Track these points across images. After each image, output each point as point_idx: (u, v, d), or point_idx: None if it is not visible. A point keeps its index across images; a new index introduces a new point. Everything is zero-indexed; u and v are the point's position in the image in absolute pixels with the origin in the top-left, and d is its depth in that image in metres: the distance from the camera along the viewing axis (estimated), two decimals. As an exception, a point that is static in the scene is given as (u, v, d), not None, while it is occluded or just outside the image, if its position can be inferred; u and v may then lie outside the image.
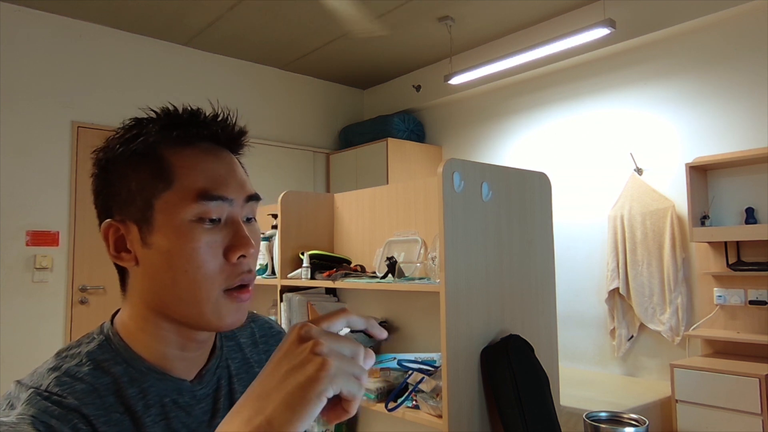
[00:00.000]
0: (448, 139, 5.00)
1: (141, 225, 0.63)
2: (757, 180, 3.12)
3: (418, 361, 1.86)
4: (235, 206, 0.64)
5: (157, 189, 0.62)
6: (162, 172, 0.63)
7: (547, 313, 1.96)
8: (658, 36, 3.54)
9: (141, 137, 0.64)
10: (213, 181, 0.63)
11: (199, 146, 0.65)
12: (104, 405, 0.60)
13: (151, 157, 0.64)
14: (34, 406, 0.56)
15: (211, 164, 0.64)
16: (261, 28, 4.14)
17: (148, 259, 0.63)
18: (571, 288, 3.89)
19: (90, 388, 0.60)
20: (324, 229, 2.51)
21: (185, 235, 0.61)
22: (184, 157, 0.64)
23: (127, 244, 0.65)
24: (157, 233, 0.62)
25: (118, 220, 0.65)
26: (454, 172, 1.66)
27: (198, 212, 0.62)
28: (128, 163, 0.64)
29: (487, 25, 4.15)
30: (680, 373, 2.89)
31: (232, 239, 0.63)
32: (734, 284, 3.12)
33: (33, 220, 3.67)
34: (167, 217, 0.62)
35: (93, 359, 0.63)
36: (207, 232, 0.62)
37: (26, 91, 3.70)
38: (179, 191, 0.62)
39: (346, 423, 2.29)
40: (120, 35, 4.13)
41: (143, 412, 0.62)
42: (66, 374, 0.60)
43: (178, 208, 0.62)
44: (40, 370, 0.62)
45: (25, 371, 2.56)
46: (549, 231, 2.01)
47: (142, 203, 0.63)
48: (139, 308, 0.66)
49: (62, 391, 0.58)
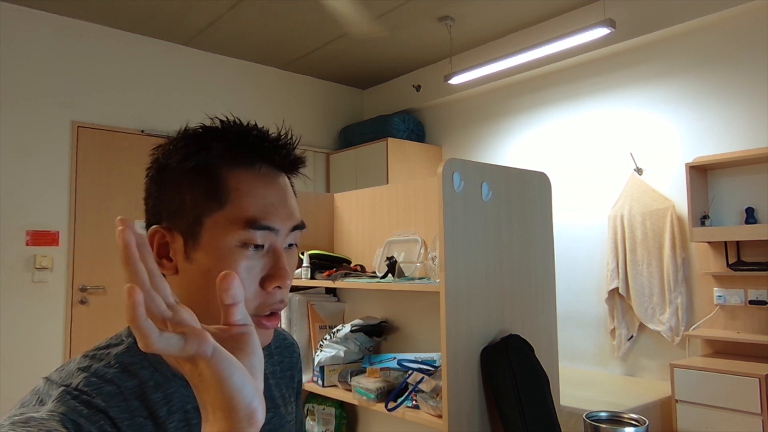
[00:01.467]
0: (448, 139, 5.00)
1: (187, 238, 0.64)
2: (757, 180, 3.12)
3: (418, 361, 1.86)
4: (280, 236, 0.66)
5: (209, 208, 0.63)
6: (217, 192, 0.64)
7: (547, 313, 1.96)
8: (658, 36, 3.54)
9: (203, 152, 0.64)
10: (264, 208, 0.64)
11: (258, 169, 0.66)
12: (129, 408, 0.60)
13: (210, 175, 0.64)
14: (64, 404, 0.56)
15: (265, 191, 0.65)
16: (261, 28, 4.14)
17: (187, 273, 0.64)
18: (571, 288, 3.89)
19: (116, 391, 0.60)
20: (324, 229, 2.51)
21: (227, 258, 0.62)
22: (241, 180, 0.64)
23: (170, 253, 0.65)
24: (201, 250, 0.63)
25: (165, 228, 0.66)
26: (454, 172, 1.66)
27: (244, 238, 0.63)
28: (186, 175, 0.65)
29: (487, 25, 4.15)
30: (680, 373, 2.89)
31: (270, 269, 0.64)
32: (734, 284, 3.12)
33: (33, 220, 3.67)
34: (213, 237, 0.63)
35: (121, 362, 0.63)
36: (248, 258, 0.63)
37: (26, 91, 3.70)
38: (230, 214, 0.63)
39: (346, 423, 2.29)
40: (120, 35, 4.13)
41: (166, 417, 0.63)
42: (95, 375, 0.61)
43: (226, 231, 0.63)
44: (68, 368, 0.62)
45: (25, 371, 2.60)
46: (549, 231, 2.01)
47: (192, 218, 0.64)
48: None
49: (91, 392, 0.59)
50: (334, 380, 2.02)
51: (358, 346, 2.07)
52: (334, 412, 2.25)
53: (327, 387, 2.04)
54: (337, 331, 2.09)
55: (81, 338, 3.76)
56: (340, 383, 2.01)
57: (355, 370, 2.02)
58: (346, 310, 2.38)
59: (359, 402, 1.86)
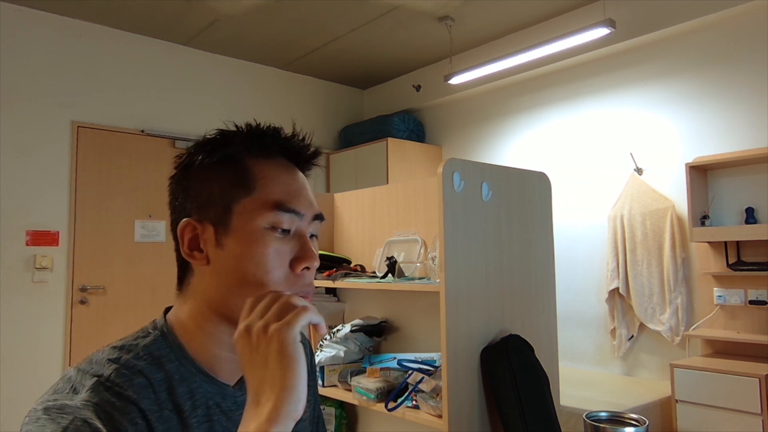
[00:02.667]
0: (448, 139, 5.00)
1: (218, 227, 0.67)
2: (757, 180, 3.12)
3: (418, 361, 1.86)
4: (304, 221, 0.70)
5: (238, 195, 0.67)
6: (244, 180, 0.68)
7: (547, 313, 1.96)
8: (658, 36, 3.54)
9: (227, 146, 0.69)
10: (288, 194, 0.69)
11: (277, 160, 0.71)
12: (158, 401, 0.62)
13: (236, 164, 0.69)
14: (98, 394, 0.58)
15: (288, 178, 0.70)
16: (261, 28, 4.14)
17: (219, 259, 0.67)
18: (571, 288, 3.89)
19: (146, 383, 0.62)
20: (324, 229, 2.51)
21: (257, 240, 0.66)
22: (265, 168, 0.69)
23: (201, 244, 0.68)
24: (231, 236, 0.66)
25: (195, 220, 0.68)
26: (454, 172, 1.66)
27: (272, 221, 0.66)
28: (213, 168, 0.69)
29: (487, 25, 4.15)
30: (680, 373, 2.89)
31: (299, 251, 0.68)
32: (734, 284, 3.12)
33: (33, 220, 3.67)
34: (243, 222, 0.66)
35: (150, 353, 0.65)
36: (277, 240, 0.67)
37: (26, 91, 3.69)
38: (258, 199, 0.67)
39: (346, 423, 2.29)
40: (120, 35, 4.13)
41: (190, 412, 0.64)
42: (125, 366, 0.62)
43: (255, 215, 0.66)
44: (97, 358, 0.64)
45: (25, 371, 2.60)
46: (549, 231, 2.01)
47: (221, 207, 0.67)
48: (201, 307, 0.68)
49: (123, 383, 0.60)
50: (334, 380, 2.02)
51: (358, 346, 2.07)
52: (334, 412, 2.25)
53: (327, 387, 2.04)
54: (337, 331, 2.09)
55: (81, 338, 3.76)
56: (340, 383, 2.01)
57: (355, 370, 2.02)
58: (346, 310, 2.38)
59: (359, 402, 1.87)
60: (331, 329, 2.14)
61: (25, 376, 3.49)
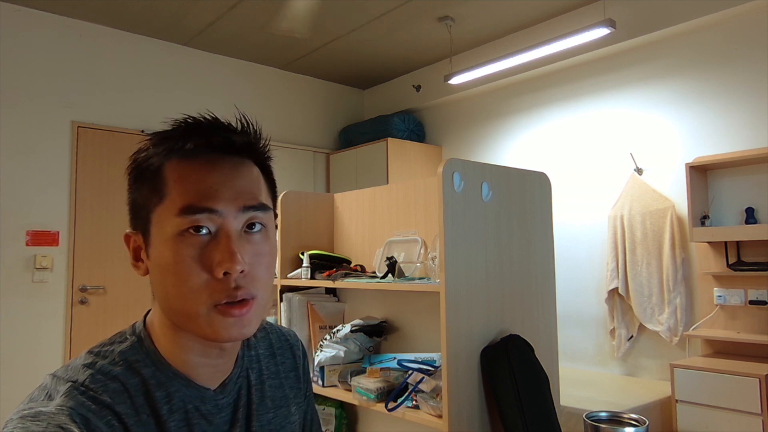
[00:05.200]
0: (448, 139, 5.00)
1: (144, 237, 0.65)
2: (757, 180, 3.12)
3: (418, 361, 1.86)
4: (227, 217, 0.63)
5: (152, 203, 0.64)
6: (156, 186, 0.64)
7: (547, 313, 1.96)
8: (658, 36, 3.54)
9: (145, 152, 0.66)
10: (200, 193, 0.62)
11: (198, 158, 0.65)
12: (135, 405, 0.62)
13: (152, 172, 0.65)
14: (72, 399, 0.58)
15: (203, 176, 0.63)
16: (261, 28, 4.14)
17: (151, 270, 0.65)
18: (571, 288, 3.89)
19: (122, 388, 0.62)
20: (324, 229, 2.51)
21: (171, 248, 0.62)
22: (180, 170, 0.64)
23: (141, 254, 0.67)
24: (152, 246, 0.64)
25: (133, 231, 0.68)
26: (454, 172, 1.66)
27: (182, 226, 0.61)
28: (137, 176, 0.67)
29: (487, 25, 4.15)
30: (680, 373, 2.89)
31: (216, 254, 0.61)
32: (734, 284, 3.12)
33: (33, 220, 3.67)
34: (158, 231, 0.63)
35: (125, 359, 0.65)
36: (192, 245, 0.61)
37: (26, 91, 3.70)
38: (168, 205, 0.63)
39: (346, 423, 2.29)
40: (120, 35, 4.13)
41: (168, 416, 0.64)
42: (100, 372, 0.62)
43: (166, 222, 0.62)
44: (73, 365, 0.63)
45: (25, 371, 2.60)
46: (549, 231, 2.01)
47: (144, 216, 0.65)
48: (161, 315, 0.67)
49: (97, 388, 0.60)
50: (334, 380, 2.02)
51: (358, 346, 2.07)
52: (334, 412, 2.25)
53: (327, 387, 2.04)
54: (337, 331, 2.09)
55: (81, 338, 3.76)
56: (340, 383, 2.01)
57: (355, 370, 2.02)
58: (346, 310, 2.38)
59: (359, 402, 1.87)
60: (331, 329, 2.14)
61: (25, 376, 3.49)
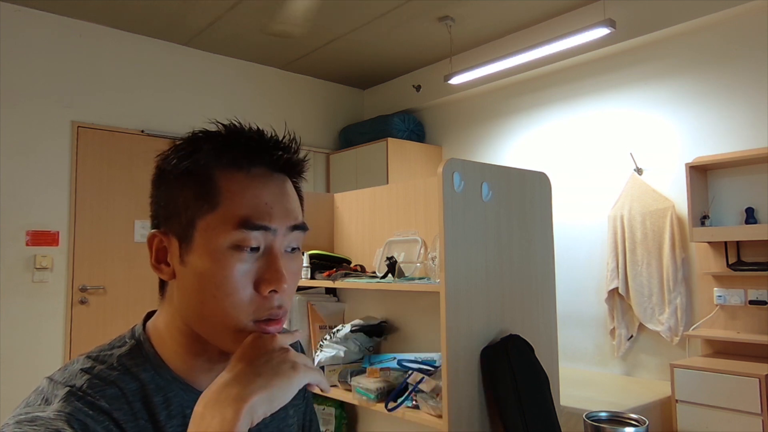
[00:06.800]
0: (448, 139, 5.00)
1: (181, 242, 0.63)
2: (757, 180, 3.12)
3: (418, 361, 1.86)
4: (278, 236, 0.63)
5: (201, 210, 0.62)
6: (208, 194, 0.62)
7: (547, 313, 1.96)
8: (658, 36, 3.54)
9: (194, 155, 0.64)
10: (257, 209, 0.62)
11: (252, 171, 0.64)
12: (132, 411, 0.61)
13: (201, 176, 0.63)
14: (70, 404, 0.57)
15: (258, 191, 0.63)
16: (261, 28, 4.14)
17: (183, 276, 0.64)
18: (571, 288, 3.89)
19: (119, 393, 0.61)
20: (324, 229, 2.51)
21: (220, 260, 0.61)
22: (234, 181, 0.63)
23: (168, 257, 0.65)
24: (194, 253, 0.62)
25: (162, 232, 0.65)
26: (454, 172, 1.66)
27: (236, 240, 0.61)
28: (178, 178, 0.64)
29: (487, 25, 4.15)
30: (680, 373, 2.89)
31: (265, 272, 0.62)
32: (734, 284, 3.12)
33: (33, 220, 3.67)
34: (206, 240, 0.62)
35: (123, 364, 0.64)
36: (242, 260, 0.61)
37: (26, 91, 3.69)
38: (222, 215, 0.61)
39: (346, 423, 2.29)
40: (120, 35, 4.13)
41: (166, 421, 0.63)
42: (97, 377, 0.61)
43: (218, 233, 0.61)
44: (71, 368, 0.62)
45: (25, 371, 2.60)
46: (549, 231, 2.01)
47: (185, 221, 0.63)
48: (174, 318, 0.66)
49: (95, 394, 0.59)
50: (334, 380, 2.02)
51: (358, 346, 2.07)
52: (334, 412, 2.25)
53: (327, 387, 2.04)
54: (337, 331, 2.09)
55: (81, 338, 3.76)
56: (340, 383, 2.01)
57: (355, 370, 2.02)
58: (346, 310, 2.38)
59: (359, 402, 1.86)
60: (331, 329, 2.14)
61: (25, 376, 3.49)
